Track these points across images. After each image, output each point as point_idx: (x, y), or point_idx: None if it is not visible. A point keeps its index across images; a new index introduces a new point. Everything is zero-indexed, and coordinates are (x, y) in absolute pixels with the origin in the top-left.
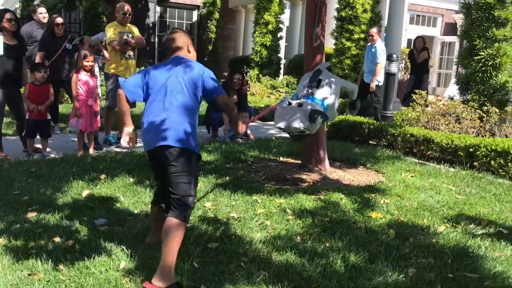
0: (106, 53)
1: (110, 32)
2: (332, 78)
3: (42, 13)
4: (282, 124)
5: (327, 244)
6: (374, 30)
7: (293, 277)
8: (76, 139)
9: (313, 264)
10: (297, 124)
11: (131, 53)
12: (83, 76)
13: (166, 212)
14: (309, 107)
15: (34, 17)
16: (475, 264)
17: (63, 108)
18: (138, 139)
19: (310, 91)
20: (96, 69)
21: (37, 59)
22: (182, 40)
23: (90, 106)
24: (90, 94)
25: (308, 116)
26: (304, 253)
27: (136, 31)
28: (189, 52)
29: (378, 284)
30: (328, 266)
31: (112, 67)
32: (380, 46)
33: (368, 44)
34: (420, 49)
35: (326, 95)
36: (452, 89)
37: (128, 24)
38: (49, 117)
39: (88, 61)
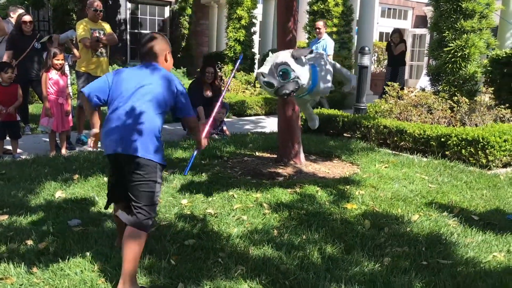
0: (76, 51)
1: (81, 29)
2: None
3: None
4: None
5: (304, 237)
6: (320, 23)
7: (271, 270)
8: (47, 139)
9: (290, 257)
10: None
11: (103, 50)
12: (54, 75)
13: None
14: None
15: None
16: (448, 250)
17: (33, 108)
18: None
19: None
20: (67, 68)
21: (5, 58)
22: (160, 46)
23: (61, 105)
24: (60, 93)
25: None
26: (281, 246)
27: (108, 27)
28: (166, 60)
29: (355, 274)
30: (305, 258)
31: (83, 65)
32: (328, 39)
33: (314, 39)
34: (397, 42)
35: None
36: (424, 81)
37: (100, 21)
38: (18, 118)
39: (58, 60)
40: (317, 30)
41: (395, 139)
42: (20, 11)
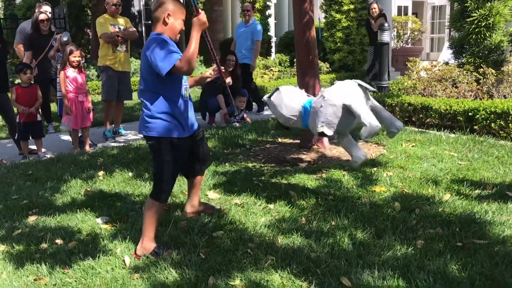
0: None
1: (100, 25)
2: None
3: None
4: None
5: (333, 223)
6: (249, 5)
7: (301, 259)
8: (68, 138)
9: (320, 245)
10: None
11: (123, 45)
12: (71, 72)
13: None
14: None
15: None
16: (483, 230)
17: (55, 107)
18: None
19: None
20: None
21: (25, 59)
22: (160, 10)
23: (81, 103)
24: (79, 90)
25: None
26: (310, 234)
27: (127, 22)
28: (165, 24)
29: (388, 259)
30: (336, 245)
31: (103, 60)
32: (258, 25)
33: (241, 23)
34: (376, 16)
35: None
36: (446, 54)
37: (119, 16)
38: (39, 117)
39: (75, 57)
40: (246, 12)
41: (421, 116)
42: (45, 8)
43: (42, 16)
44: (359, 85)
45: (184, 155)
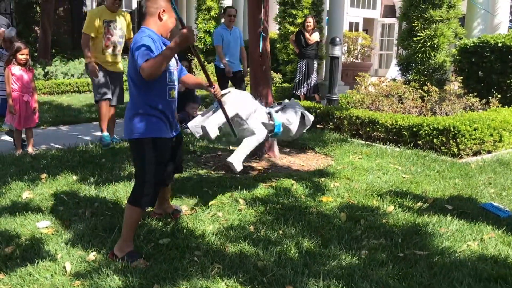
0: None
1: (88, 21)
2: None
3: None
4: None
5: (281, 232)
6: (235, 10)
7: (248, 267)
8: (7, 138)
9: (267, 253)
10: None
11: (114, 49)
12: (17, 70)
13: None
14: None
15: None
16: (424, 241)
17: None
18: None
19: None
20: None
21: None
22: (155, 5)
23: (26, 102)
24: (25, 89)
25: None
26: (258, 242)
27: (127, 19)
28: (160, 19)
29: (333, 268)
30: (283, 253)
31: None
32: (239, 30)
33: (221, 28)
34: (310, 30)
35: (284, 119)
36: (394, 70)
37: (120, 11)
38: None
39: (23, 54)
40: (233, 18)
41: (368, 130)
42: None
43: None
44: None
45: (167, 156)
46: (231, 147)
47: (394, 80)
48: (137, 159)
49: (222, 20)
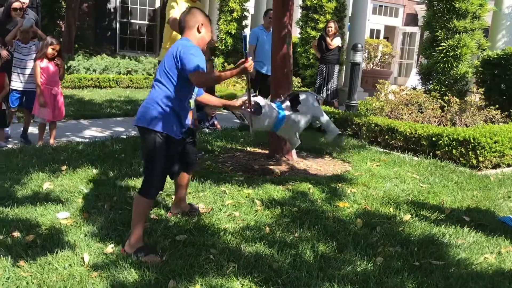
0: (42, 34)
1: (170, 8)
2: (311, 103)
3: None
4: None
5: (296, 235)
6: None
7: (263, 268)
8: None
9: (282, 255)
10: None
11: None
12: (45, 64)
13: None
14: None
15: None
16: (440, 251)
17: None
18: None
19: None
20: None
21: None
22: (194, 19)
23: (55, 95)
24: (51, 82)
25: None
26: (273, 244)
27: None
28: (199, 32)
29: (348, 273)
30: (298, 256)
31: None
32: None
33: (258, 29)
34: (331, 35)
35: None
36: (414, 79)
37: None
38: (4, 107)
39: (53, 49)
40: (270, 19)
41: (386, 137)
42: None
43: (15, 4)
44: None
45: (176, 154)
46: (248, 148)
47: (414, 89)
48: (148, 152)
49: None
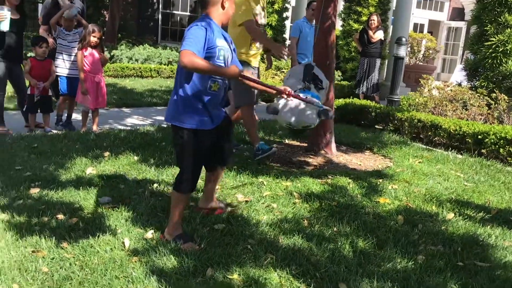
0: (84, 22)
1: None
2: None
3: None
4: (293, 120)
5: (335, 229)
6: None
7: (301, 261)
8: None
9: (321, 249)
10: (311, 121)
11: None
12: (88, 51)
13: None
14: (316, 103)
15: None
16: (485, 253)
17: None
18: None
19: (305, 85)
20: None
21: (41, 32)
22: None
23: (98, 83)
24: (96, 70)
25: (318, 113)
26: (311, 237)
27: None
28: (223, 8)
29: (387, 270)
30: (336, 251)
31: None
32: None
33: (301, 21)
34: (374, 28)
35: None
36: (458, 75)
37: None
38: (50, 92)
39: (95, 36)
40: (312, 11)
41: (429, 134)
42: None
43: None
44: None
45: (207, 147)
46: (286, 140)
47: (459, 85)
48: (176, 146)
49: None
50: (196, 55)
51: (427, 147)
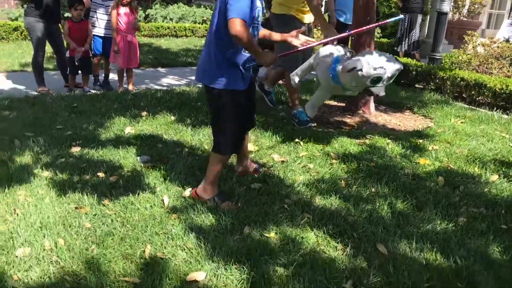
0: None
1: None
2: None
3: None
4: (383, 69)
5: (373, 190)
6: None
7: (338, 221)
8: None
9: (358, 209)
10: (398, 64)
11: None
12: (122, 10)
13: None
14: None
15: None
16: None
17: None
18: None
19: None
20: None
21: None
22: None
23: (130, 42)
24: (128, 29)
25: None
26: (349, 198)
27: None
28: None
29: (427, 232)
30: (374, 212)
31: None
32: None
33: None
34: None
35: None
36: (505, 31)
37: None
38: (90, 54)
39: None
40: None
41: (473, 93)
42: None
43: None
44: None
45: (242, 107)
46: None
47: (507, 41)
48: (214, 109)
49: None
50: (246, 27)
51: (470, 106)
